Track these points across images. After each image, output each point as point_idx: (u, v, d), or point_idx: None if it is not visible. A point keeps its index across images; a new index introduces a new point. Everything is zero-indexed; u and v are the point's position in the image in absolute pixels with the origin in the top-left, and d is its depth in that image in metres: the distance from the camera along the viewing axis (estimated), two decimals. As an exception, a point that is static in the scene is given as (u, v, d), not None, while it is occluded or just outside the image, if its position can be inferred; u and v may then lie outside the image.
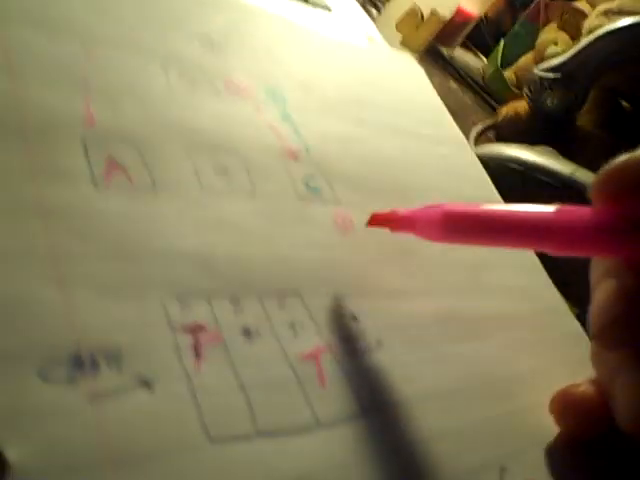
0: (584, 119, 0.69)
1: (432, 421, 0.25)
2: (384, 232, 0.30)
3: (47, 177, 0.23)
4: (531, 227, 0.24)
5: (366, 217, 0.31)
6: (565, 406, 0.28)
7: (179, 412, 0.20)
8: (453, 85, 0.78)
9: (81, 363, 0.19)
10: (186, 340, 0.21)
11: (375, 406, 0.24)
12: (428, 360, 0.28)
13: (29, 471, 0.16)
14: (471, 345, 0.30)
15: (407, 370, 0.26)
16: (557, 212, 0.24)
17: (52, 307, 0.20)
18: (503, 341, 0.32)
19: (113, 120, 0.26)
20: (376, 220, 0.28)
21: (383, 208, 0.30)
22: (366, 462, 0.22)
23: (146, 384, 0.20)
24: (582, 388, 0.28)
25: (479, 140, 0.66)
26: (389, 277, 0.30)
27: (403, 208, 0.27)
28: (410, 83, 0.47)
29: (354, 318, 0.27)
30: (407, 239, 0.31)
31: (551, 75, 0.67)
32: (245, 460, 0.20)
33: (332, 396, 0.23)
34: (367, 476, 0.22)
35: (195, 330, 0.22)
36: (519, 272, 0.38)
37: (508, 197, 0.41)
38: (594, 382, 0.28)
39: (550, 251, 0.24)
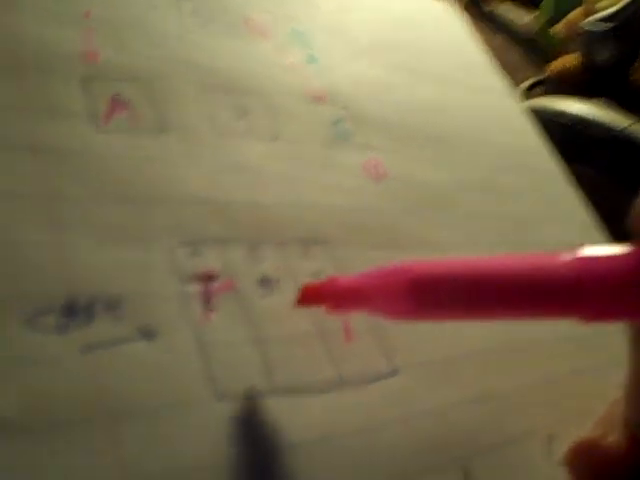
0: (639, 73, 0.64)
1: (473, 381, 0.23)
2: (419, 182, 0.28)
3: (42, 115, 0.21)
4: (546, 291, 0.16)
5: (399, 164, 0.28)
6: (584, 464, 0.21)
7: (182, 365, 0.17)
8: (499, 41, 0.74)
9: (74, 311, 0.17)
10: (195, 289, 0.19)
11: (408, 364, 0.22)
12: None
13: (11, 425, 0.14)
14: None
15: (444, 327, 0.24)
16: (579, 262, 0.16)
17: (45, 251, 0.18)
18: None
19: (118, 56, 0.24)
20: (309, 295, 0.19)
21: (418, 156, 0.27)
22: (394, 425, 0.20)
23: (147, 334, 0.18)
24: (609, 441, 0.21)
25: (527, 96, 0.62)
26: (424, 228, 0.27)
27: (344, 276, 0.19)
28: (448, 29, 0.43)
29: (385, 270, 0.24)
30: (447, 187, 0.29)
31: (603, 26, 0.63)
32: (255, 417, 0.17)
33: (359, 353, 0.21)
34: (395, 440, 0.20)
35: (206, 279, 0.20)
36: (569, 228, 0.35)
37: (558, 154, 0.38)
38: (627, 427, 0.20)
39: (577, 320, 0.17)
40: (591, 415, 0.24)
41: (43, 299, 0.17)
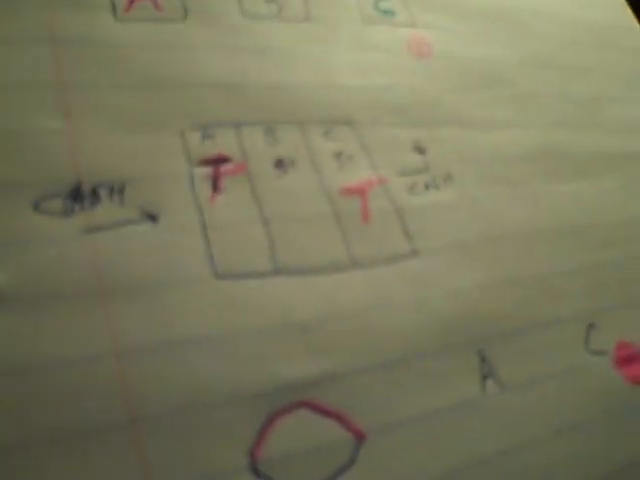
0: None
1: (507, 264, 0.22)
2: (469, 58, 0.26)
3: (63, 6, 0.21)
4: None
5: (448, 41, 0.26)
6: None
7: (183, 245, 0.18)
8: None
9: (80, 195, 0.18)
10: (204, 171, 0.19)
11: (430, 246, 0.21)
12: (507, 197, 0.23)
13: (14, 297, 0.15)
14: (570, 185, 0.26)
15: (478, 208, 0.22)
16: None
17: (56, 137, 0.18)
18: (616, 183, 0.27)
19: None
20: None
21: (470, 32, 0.25)
22: (409, 305, 0.19)
23: (150, 216, 0.18)
24: None
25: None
26: (470, 106, 0.25)
27: None
28: None
29: (419, 149, 0.23)
30: (500, 64, 0.26)
31: None
32: (255, 297, 0.18)
33: (376, 234, 0.20)
34: (408, 320, 0.19)
35: (217, 161, 0.20)
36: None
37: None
38: None
39: None
40: (635, 306, 0.23)
41: (51, 184, 0.18)
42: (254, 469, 0.15)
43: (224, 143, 0.20)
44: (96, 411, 0.15)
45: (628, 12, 0.35)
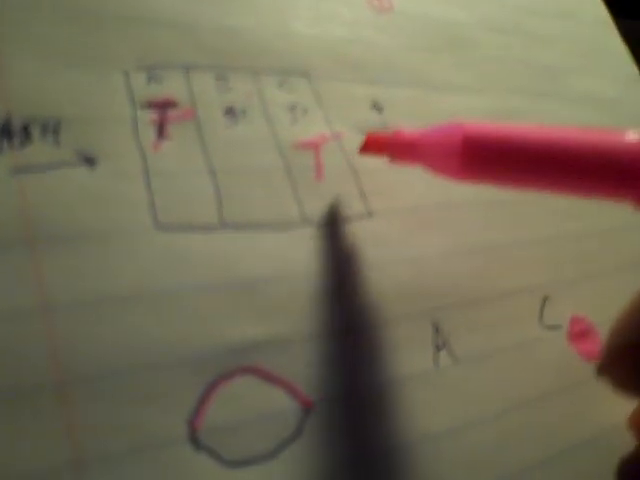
0: None
1: (465, 233, 0.21)
2: (432, 18, 0.25)
3: None
4: (602, 167, 0.15)
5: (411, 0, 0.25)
6: None
7: (123, 192, 0.16)
8: None
9: (9, 131, 0.16)
10: (148, 115, 0.18)
11: (386, 208, 0.20)
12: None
13: None
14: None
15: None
16: None
17: (-17, 69, 0.16)
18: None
19: None
20: (371, 144, 0.19)
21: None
22: (363, 268, 0.18)
23: (88, 160, 0.17)
24: None
25: None
26: (431, 67, 0.25)
27: (408, 129, 0.18)
28: None
29: (377, 107, 0.22)
30: (463, 26, 0.26)
31: None
32: (199, 251, 0.16)
33: (329, 192, 0.19)
34: (360, 285, 0.18)
35: (163, 105, 0.18)
36: (608, 82, 0.31)
37: (615, 4, 0.34)
38: None
39: (630, 204, 0.16)
40: (597, 280, 0.22)
41: (-24, 119, 0.16)
42: (194, 439, 0.15)
43: (172, 86, 0.19)
44: (20, 371, 0.14)
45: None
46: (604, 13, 0.35)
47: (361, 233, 0.19)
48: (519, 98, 0.27)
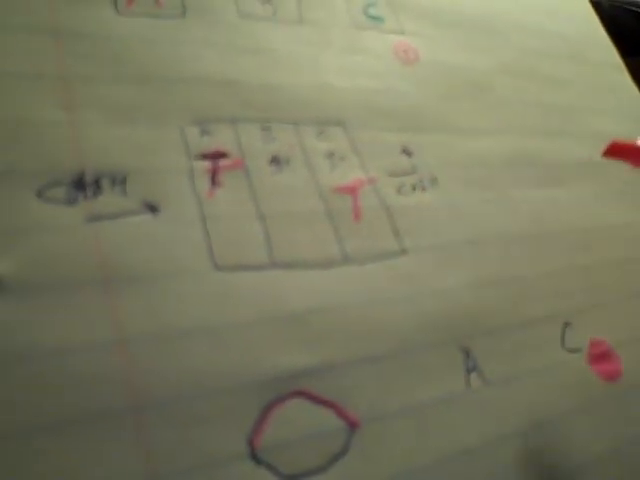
0: None
1: (488, 265, 0.23)
2: (454, 66, 0.27)
3: (64, -3, 0.21)
4: None
5: (433, 49, 0.27)
6: None
7: (184, 237, 0.18)
8: None
9: (83, 184, 0.18)
10: (203, 166, 0.20)
11: (418, 245, 0.22)
12: (490, 202, 0.25)
13: (17, 285, 0.16)
14: (547, 191, 0.27)
15: (462, 211, 0.23)
16: None
17: (58, 129, 0.19)
18: (588, 191, 0.28)
19: None
20: (615, 150, 0.21)
21: (454, 41, 0.26)
22: (397, 302, 0.20)
23: (151, 208, 0.18)
24: None
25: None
26: (455, 113, 0.26)
27: None
28: None
29: (407, 152, 0.24)
30: (482, 72, 0.28)
31: None
32: (253, 289, 0.18)
33: (366, 232, 0.21)
34: (396, 316, 0.20)
35: (215, 156, 0.20)
36: (623, 120, 0.33)
37: (620, 42, 0.35)
38: None
39: None
40: (612, 306, 0.24)
41: (54, 173, 0.18)
42: (254, 456, 0.16)
43: (222, 139, 0.21)
44: (99, 399, 0.15)
45: (599, 27, 0.37)
46: (614, 54, 0.37)
47: (396, 269, 0.21)
48: (536, 138, 0.28)
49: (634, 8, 0.44)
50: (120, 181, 0.19)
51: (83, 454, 0.15)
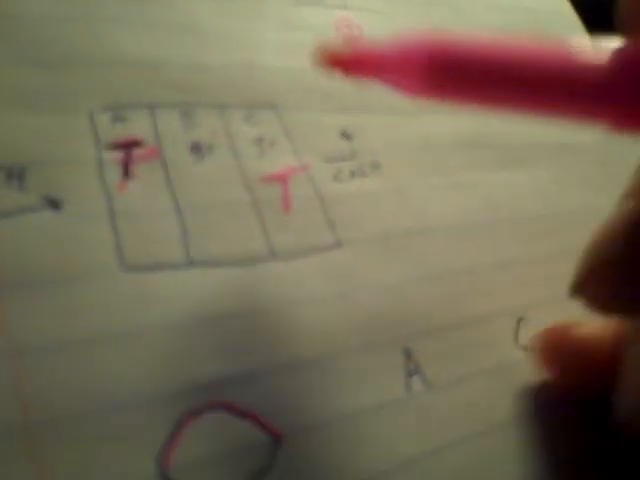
0: None
1: (429, 258, 0.21)
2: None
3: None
4: (578, 81, 0.14)
5: (378, 25, 0.25)
6: (560, 352, 0.20)
7: (89, 234, 0.17)
8: None
9: (-27, 179, 0.16)
10: (113, 156, 0.18)
11: (354, 237, 0.20)
12: (438, 187, 0.23)
13: None
14: (504, 174, 0.25)
15: (408, 198, 0.22)
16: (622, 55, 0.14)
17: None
18: (547, 174, 0.26)
19: None
20: (327, 57, 0.16)
21: (402, 19, 0.24)
22: (331, 299, 0.19)
23: (53, 203, 0.17)
24: (586, 329, 0.20)
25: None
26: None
27: (368, 42, 0.17)
28: None
29: (346, 135, 0.22)
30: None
31: None
32: (166, 290, 0.16)
33: (297, 224, 0.19)
34: (331, 315, 0.18)
35: (128, 145, 0.18)
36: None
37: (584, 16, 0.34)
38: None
39: (605, 125, 0.15)
40: (567, 301, 0.22)
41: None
42: (165, 476, 0.15)
43: (137, 126, 0.19)
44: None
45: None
46: (579, 27, 0.35)
47: (330, 264, 0.19)
48: (491, 117, 0.27)
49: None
50: (17, 174, 0.17)
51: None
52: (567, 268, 0.22)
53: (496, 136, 0.26)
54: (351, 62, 0.16)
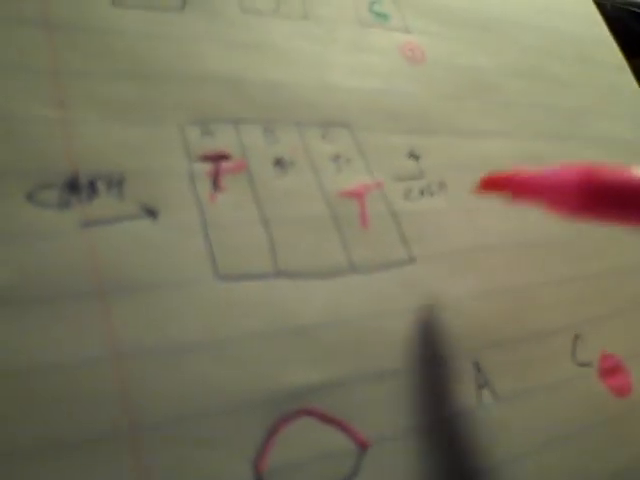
0: None
1: (496, 274, 0.22)
2: (459, 67, 0.26)
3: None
4: None
5: (439, 48, 0.26)
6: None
7: (184, 243, 0.17)
8: None
9: (77, 187, 0.17)
10: (204, 168, 0.19)
11: (426, 253, 0.21)
12: (499, 208, 0.24)
13: (4, 295, 0.15)
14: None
15: (473, 217, 0.23)
16: None
17: (50, 127, 0.18)
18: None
19: None
20: (491, 183, 0.19)
21: (460, 41, 0.25)
22: (406, 313, 0.19)
23: (150, 212, 0.17)
24: None
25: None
26: (463, 114, 0.26)
27: (527, 168, 0.19)
28: None
29: (413, 155, 0.23)
30: (489, 73, 0.27)
31: None
32: (257, 300, 0.17)
33: (373, 239, 0.20)
34: (405, 328, 0.19)
35: (216, 158, 0.19)
36: (628, 125, 0.32)
37: (622, 44, 0.35)
38: None
39: None
40: (622, 316, 0.23)
41: (45, 174, 0.17)
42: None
43: (224, 140, 0.20)
44: (91, 418, 0.14)
45: (604, 27, 0.36)
46: (619, 55, 0.36)
47: (405, 279, 0.20)
48: (544, 141, 0.28)
49: (636, 9, 0.43)
50: (117, 183, 0.17)
51: (72, 478, 0.14)
52: (620, 286, 0.23)
53: (549, 158, 0.27)
54: (516, 186, 0.18)
